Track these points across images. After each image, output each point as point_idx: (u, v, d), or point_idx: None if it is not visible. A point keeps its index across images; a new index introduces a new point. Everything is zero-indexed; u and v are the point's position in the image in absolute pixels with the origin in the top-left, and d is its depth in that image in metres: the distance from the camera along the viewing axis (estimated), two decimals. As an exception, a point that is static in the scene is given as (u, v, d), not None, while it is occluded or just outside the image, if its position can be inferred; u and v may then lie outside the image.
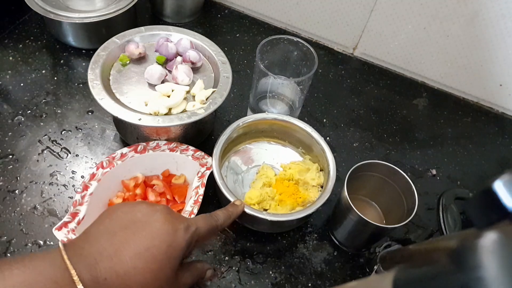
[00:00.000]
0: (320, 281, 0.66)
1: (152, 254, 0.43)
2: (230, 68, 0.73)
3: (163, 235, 0.45)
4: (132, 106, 0.67)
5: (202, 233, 0.49)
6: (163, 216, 0.46)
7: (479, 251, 0.27)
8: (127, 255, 0.42)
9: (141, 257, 0.43)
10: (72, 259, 0.41)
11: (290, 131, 0.73)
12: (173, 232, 0.45)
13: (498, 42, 0.83)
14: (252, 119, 0.70)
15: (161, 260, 0.44)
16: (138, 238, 0.44)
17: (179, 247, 0.45)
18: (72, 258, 0.41)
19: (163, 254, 0.44)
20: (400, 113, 0.90)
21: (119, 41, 0.73)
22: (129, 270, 0.42)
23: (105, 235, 0.44)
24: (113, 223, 0.45)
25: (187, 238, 0.46)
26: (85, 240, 0.44)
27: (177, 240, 0.45)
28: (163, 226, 0.45)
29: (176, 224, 0.46)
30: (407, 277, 0.32)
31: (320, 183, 0.70)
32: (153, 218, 0.46)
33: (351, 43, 0.98)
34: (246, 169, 0.73)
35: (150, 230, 0.45)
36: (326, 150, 0.68)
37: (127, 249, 0.43)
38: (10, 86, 0.81)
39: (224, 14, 1.03)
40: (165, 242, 0.44)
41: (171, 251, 0.45)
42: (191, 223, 0.48)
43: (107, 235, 0.44)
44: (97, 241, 0.43)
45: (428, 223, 0.74)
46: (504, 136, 0.89)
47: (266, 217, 0.60)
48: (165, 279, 0.44)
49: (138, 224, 0.45)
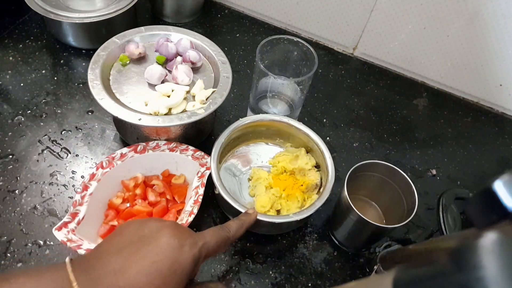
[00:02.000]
0: (320, 281, 0.66)
1: (156, 269, 0.43)
2: (230, 68, 0.73)
3: (168, 250, 0.44)
4: (132, 106, 0.67)
5: (211, 247, 0.48)
6: (169, 231, 0.46)
7: (479, 251, 0.27)
8: (131, 271, 0.42)
9: (144, 273, 0.42)
10: (77, 273, 0.41)
11: (289, 132, 0.73)
12: (179, 247, 0.45)
13: (498, 42, 0.83)
14: (249, 120, 0.70)
15: (166, 276, 0.43)
16: (143, 253, 0.43)
17: (185, 263, 0.44)
18: (77, 272, 0.41)
19: (168, 270, 0.43)
20: (400, 113, 0.90)
21: (119, 41, 0.73)
22: (132, 285, 0.42)
23: (112, 251, 0.44)
24: (122, 239, 0.45)
25: (194, 253, 0.45)
26: (93, 256, 0.44)
27: (182, 255, 0.44)
28: (169, 241, 0.44)
29: (182, 239, 0.45)
30: (407, 277, 0.32)
31: (314, 163, 0.71)
32: (159, 234, 0.45)
33: (351, 43, 0.98)
34: (245, 170, 0.73)
35: (155, 245, 0.44)
36: (325, 150, 0.68)
37: (131, 265, 0.42)
38: (10, 86, 0.81)
39: (224, 14, 1.03)
40: (170, 258, 0.44)
41: (176, 266, 0.44)
42: (199, 238, 0.47)
43: (114, 251, 0.44)
44: (103, 256, 0.43)
45: (428, 223, 0.74)
46: (504, 136, 0.89)
47: (265, 219, 0.60)
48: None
49: (144, 240, 0.45)
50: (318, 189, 0.69)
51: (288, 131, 0.73)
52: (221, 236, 0.50)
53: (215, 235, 0.50)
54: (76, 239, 0.58)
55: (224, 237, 0.51)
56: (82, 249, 0.56)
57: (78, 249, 0.56)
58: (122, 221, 0.64)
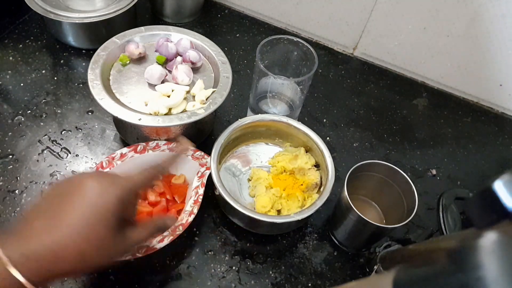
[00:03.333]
0: (320, 281, 0.66)
1: (79, 218, 0.44)
2: (230, 68, 0.73)
3: (91, 197, 0.45)
4: (132, 106, 0.67)
5: (139, 183, 0.49)
6: (90, 180, 0.46)
7: (479, 251, 0.27)
8: (60, 227, 0.43)
9: (73, 224, 0.43)
10: (3, 241, 0.42)
11: (288, 132, 0.73)
12: (101, 193, 0.45)
13: (498, 42, 0.83)
14: (249, 120, 0.70)
15: (91, 222, 0.44)
16: (67, 208, 0.44)
17: (110, 205, 0.45)
18: (8, 250, 0.41)
19: (92, 216, 0.44)
20: (400, 113, 0.90)
21: (119, 41, 0.73)
22: (58, 239, 0.43)
23: (38, 217, 0.45)
24: (44, 203, 0.46)
25: (117, 193, 0.46)
26: (20, 229, 0.44)
27: (106, 199, 0.45)
28: (91, 190, 0.45)
29: (104, 183, 0.46)
30: (407, 277, 0.32)
31: (313, 162, 0.71)
32: (81, 185, 0.46)
33: (351, 43, 0.98)
34: (245, 170, 0.73)
35: (77, 196, 0.45)
36: (324, 150, 0.68)
37: (59, 221, 0.44)
38: (10, 86, 0.81)
39: (224, 14, 1.03)
40: (93, 204, 0.45)
41: (101, 211, 0.45)
42: (123, 178, 0.48)
43: (39, 216, 0.45)
44: (29, 221, 0.44)
45: (428, 223, 0.74)
46: (504, 136, 0.89)
47: (267, 219, 0.60)
48: (98, 240, 0.45)
49: (66, 194, 0.46)
50: (318, 188, 0.69)
51: (287, 131, 0.73)
52: (150, 171, 0.52)
53: (144, 172, 0.51)
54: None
55: (152, 171, 0.52)
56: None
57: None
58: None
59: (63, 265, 0.43)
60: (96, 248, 0.45)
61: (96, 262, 0.46)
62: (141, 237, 0.50)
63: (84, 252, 0.44)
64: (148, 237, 0.52)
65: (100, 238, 0.45)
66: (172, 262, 0.64)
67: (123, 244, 0.48)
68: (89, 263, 0.45)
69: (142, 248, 0.58)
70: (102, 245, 0.45)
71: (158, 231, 0.53)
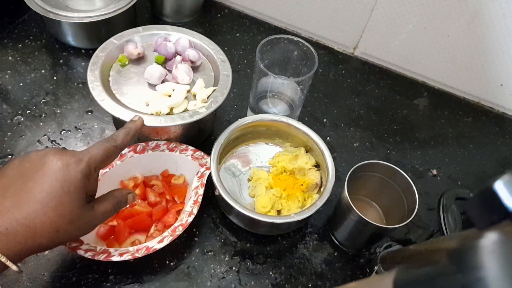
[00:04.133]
0: (321, 282, 0.66)
1: (48, 193, 0.46)
2: (230, 66, 0.73)
3: (55, 173, 0.47)
4: (132, 106, 0.67)
5: (99, 159, 0.51)
6: (51, 156, 0.48)
7: (479, 251, 0.27)
8: (24, 203, 0.45)
9: (37, 200, 0.45)
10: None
11: (288, 131, 0.73)
12: (65, 167, 0.47)
13: (499, 42, 0.83)
14: (249, 120, 0.70)
15: (59, 197, 0.46)
16: (31, 184, 0.46)
17: (75, 179, 0.47)
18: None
19: (60, 190, 0.46)
20: (401, 113, 0.90)
21: (117, 41, 0.73)
22: (29, 214, 0.45)
23: (3, 193, 0.46)
24: (5, 180, 0.47)
25: (81, 168, 0.48)
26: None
27: (70, 173, 0.47)
28: (54, 165, 0.47)
29: (66, 159, 0.48)
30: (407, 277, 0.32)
31: (313, 162, 0.71)
32: (42, 162, 0.47)
33: (351, 42, 0.97)
34: (245, 170, 0.73)
35: (41, 173, 0.47)
36: (324, 149, 0.68)
37: (22, 197, 0.45)
38: (10, 86, 0.81)
39: (224, 13, 1.03)
40: (59, 179, 0.46)
41: (68, 185, 0.47)
42: (84, 153, 0.50)
43: (4, 192, 0.46)
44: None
45: (429, 224, 0.74)
46: (504, 136, 0.89)
47: (267, 220, 0.60)
48: (70, 213, 0.47)
49: (28, 172, 0.47)
50: (318, 188, 0.69)
51: (287, 131, 0.72)
52: (108, 147, 0.53)
53: (101, 147, 0.52)
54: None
55: (110, 147, 0.53)
56: (82, 250, 0.56)
57: (77, 250, 0.56)
58: (122, 221, 0.63)
59: (39, 239, 0.46)
60: (69, 221, 0.47)
61: (70, 234, 0.48)
62: (107, 208, 0.52)
63: (58, 226, 0.46)
64: (112, 209, 0.53)
65: (71, 211, 0.47)
66: (172, 263, 0.64)
67: (92, 216, 0.50)
68: (64, 236, 0.48)
69: (141, 249, 0.58)
70: (74, 217, 0.47)
71: (119, 203, 0.54)
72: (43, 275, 0.61)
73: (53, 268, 0.61)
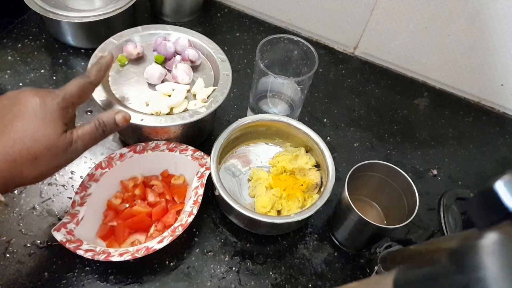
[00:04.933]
0: (321, 282, 0.65)
1: (24, 123, 0.49)
2: (230, 66, 0.73)
3: (32, 105, 0.50)
4: (132, 106, 0.66)
5: (74, 93, 0.54)
6: (27, 93, 0.51)
7: (480, 251, 0.27)
8: (5, 134, 0.48)
9: (15, 129, 0.48)
10: None
11: (288, 131, 0.73)
12: (41, 102, 0.50)
13: (499, 42, 0.83)
14: (249, 120, 0.70)
15: (36, 124, 0.49)
16: (9, 116, 0.49)
17: (51, 109, 0.50)
18: None
19: (36, 119, 0.49)
20: (401, 113, 0.90)
21: (117, 41, 0.73)
22: (7, 142, 0.48)
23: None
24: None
25: (58, 101, 0.51)
26: None
27: (47, 107, 0.50)
28: (31, 101, 0.50)
29: (42, 95, 0.51)
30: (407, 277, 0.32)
31: (314, 162, 0.70)
32: (19, 97, 0.51)
33: (351, 42, 0.97)
34: (245, 170, 0.73)
35: (18, 106, 0.50)
36: (324, 149, 0.68)
37: (1, 129, 0.48)
38: (9, 86, 0.81)
39: (224, 13, 1.03)
40: (37, 113, 0.50)
41: (43, 115, 0.50)
42: (59, 90, 0.53)
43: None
44: None
45: (429, 224, 0.74)
46: (505, 136, 0.89)
47: (267, 220, 0.60)
48: (46, 139, 0.49)
49: (6, 108, 0.50)
50: (318, 188, 0.69)
51: (287, 131, 0.72)
52: (82, 83, 0.55)
53: (76, 84, 0.55)
54: (75, 239, 0.58)
55: (84, 83, 0.56)
56: (81, 250, 0.56)
57: (77, 250, 0.56)
58: (121, 221, 0.63)
59: (20, 167, 0.48)
60: (45, 147, 0.49)
61: (49, 162, 0.51)
62: (86, 130, 0.54)
63: (35, 152, 0.49)
64: (94, 130, 0.55)
65: (48, 137, 0.49)
66: (172, 263, 0.64)
67: (70, 140, 0.52)
68: (44, 165, 0.50)
69: (141, 249, 0.58)
70: (51, 144, 0.50)
71: (103, 124, 0.56)
72: (43, 275, 0.61)
73: (53, 268, 0.61)
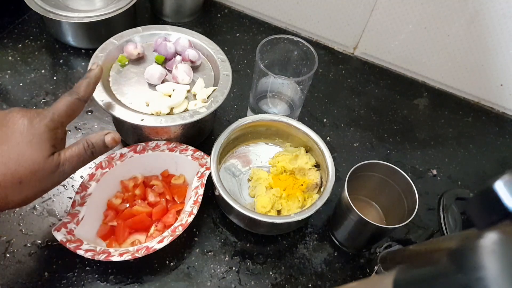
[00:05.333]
0: (321, 282, 0.66)
1: (10, 146, 0.47)
2: (230, 66, 0.73)
3: (19, 127, 0.48)
4: (133, 106, 0.67)
5: (63, 113, 0.52)
6: (16, 113, 0.49)
7: (479, 251, 0.27)
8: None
9: (3, 155, 0.47)
10: None
11: (288, 131, 0.73)
12: (29, 123, 0.49)
13: (499, 42, 0.83)
14: (249, 120, 0.70)
15: (21, 148, 0.47)
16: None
17: (39, 131, 0.49)
18: None
19: (22, 142, 0.48)
20: (401, 113, 0.90)
21: (117, 41, 0.73)
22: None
23: None
24: None
25: (46, 123, 0.50)
26: None
27: (35, 128, 0.49)
28: (17, 121, 0.49)
29: (30, 117, 0.49)
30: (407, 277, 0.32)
31: (313, 162, 0.70)
32: (6, 119, 0.49)
33: (351, 42, 0.97)
34: (245, 170, 0.73)
35: (5, 129, 0.48)
36: (324, 149, 0.68)
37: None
38: (10, 86, 0.81)
39: (224, 13, 1.03)
40: (22, 133, 0.48)
41: (30, 137, 0.48)
42: (47, 110, 0.51)
43: None
44: None
45: (429, 224, 0.74)
46: (505, 136, 0.89)
47: (267, 220, 0.60)
48: (32, 163, 0.48)
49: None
50: (318, 188, 0.69)
51: (287, 131, 0.72)
52: (70, 101, 0.54)
53: (64, 102, 0.53)
54: (75, 239, 0.58)
55: (73, 100, 0.54)
56: (82, 250, 0.56)
57: (77, 250, 0.56)
58: (122, 221, 0.63)
59: (4, 191, 0.47)
60: (30, 172, 0.48)
61: (35, 187, 0.49)
62: (74, 152, 0.52)
63: (20, 177, 0.47)
64: (82, 152, 0.53)
65: (33, 161, 0.48)
66: (172, 263, 0.64)
67: (57, 163, 0.50)
68: (28, 189, 0.49)
69: (141, 249, 0.58)
70: (37, 167, 0.48)
71: (91, 146, 0.54)
72: (44, 275, 0.61)
73: (53, 268, 0.61)
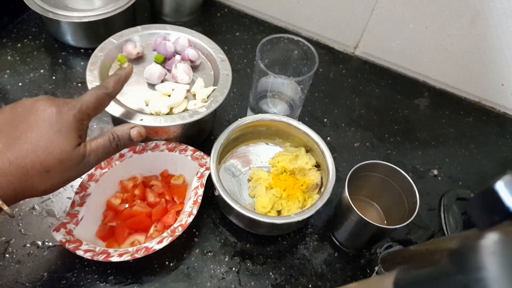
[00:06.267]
0: (321, 282, 0.65)
1: (39, 134, 0.47)
2: (230, 65, 0.72)
3: (48, 116, 0.48)
4: (132, 106, 0.66)
5: (91, 105, 0.52)
6: (44, 102, 0.49)
7: (480, 252, 0.27)
8: (16, 143, 0.46)
9: (29, 140, 0.47)
10: None
11: (288, 131, 0.72)
12: (58, 113, 0.49)
13: (500, 42, 0.82)
14: (249, 120, 0.70)
15: (50, 136, 0.47)
16: (23, 125, 0.48)
17: (67, 121, 0.49)
18: None
19: (51, 131, 0.48)
20: (402, 112, 0.90)
21: (116, 41, 0.73)
22: (21, 154, 0.46)
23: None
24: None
25: (74, 113, 0.50)
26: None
27: (63, 117, 0.49)
28: (47, 110, 0.48)
29: (59, 106, 0.49)
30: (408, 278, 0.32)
31: (314, 162, 0.70)
32: (35, 106, 0.49)
33: (352, 42, 0.97)
34: (245, 170, 0.72)
35: (34, 116, 0.48)
36: (325, 149, 0.68)
37: (14, 138, 0.47)
38: (9, 86, 0.81)
39: (224, 12, 1.03)
40: (51, 122, 0.48)
41: (59, 126, 0.48)
42: (76, 101, 0.51)
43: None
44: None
45: (430, 224, 0.73)
46: (505, 136, 0.89)
47: (267, 220, 0.60)
48: (60, 152, 0.48)
49: (21, 116, 0.48)
50: (318, 188, 0.69)
51: (287, 131, 0.72)
52: (99, 95, 0.54)
53: (93, 95, 0.53)
54: (74, 240, 0.58)
55: (102, 94, 0.54)
56: (81, 250, 0.56)
57: (76, 250, 0.56)
58: (121, 222, 0.63)
59: (31, 179, 0.47)
60: (58, 161, 0.48)
61: (61, 176, 0.49)
62: (99, 143, 0.52)
63: (48, 165, 0.47)
64: (108, 144, 0.53)
65: (61, 150, 0.48)
66: (172, 263, 0.64)
67: (83, 154, 0.50)
68: (55, 178, 0.49)
69: (141, 249, 0.57)
70: (64, 157, 0.48)
71: (117, 139, 0.54)
72: (43, 276, 0.60)
73: (52, 269, 0.61)
